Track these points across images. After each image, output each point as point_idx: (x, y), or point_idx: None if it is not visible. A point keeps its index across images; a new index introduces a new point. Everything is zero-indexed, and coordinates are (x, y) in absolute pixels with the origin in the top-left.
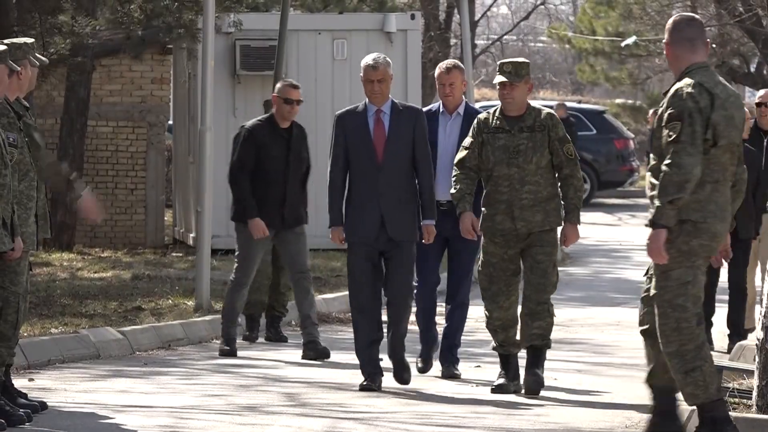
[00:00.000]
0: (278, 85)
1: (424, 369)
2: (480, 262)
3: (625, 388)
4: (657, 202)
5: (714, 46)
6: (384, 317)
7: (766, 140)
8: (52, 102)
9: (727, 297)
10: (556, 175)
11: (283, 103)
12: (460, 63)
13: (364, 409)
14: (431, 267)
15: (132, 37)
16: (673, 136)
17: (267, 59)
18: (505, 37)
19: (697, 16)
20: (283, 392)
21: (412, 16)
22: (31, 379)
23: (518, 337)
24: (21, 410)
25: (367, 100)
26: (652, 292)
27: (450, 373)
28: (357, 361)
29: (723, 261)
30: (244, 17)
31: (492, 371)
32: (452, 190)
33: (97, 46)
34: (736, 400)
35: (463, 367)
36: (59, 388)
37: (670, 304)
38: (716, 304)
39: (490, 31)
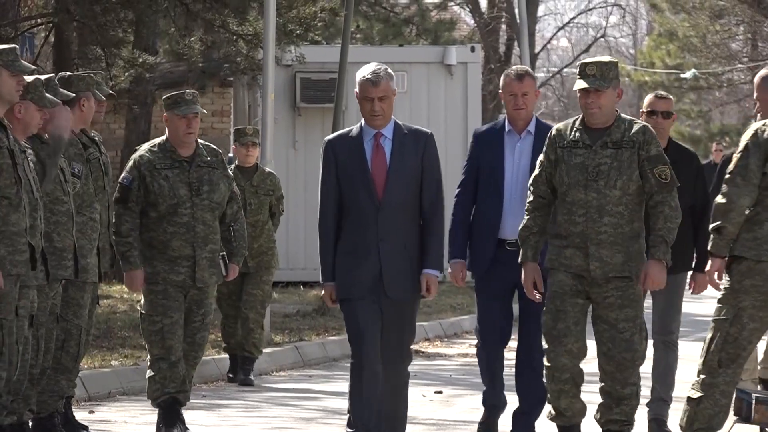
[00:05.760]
0: None
1: None
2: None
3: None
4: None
5: None
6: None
7: None
8: (113, 135)
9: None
10: (646, 205)
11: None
12: (531, 70)
13: None
14: (497, 323)
15: (193, 69)
16: (730, 168)
17: (327, 92)
18: (565, 69)
19: None
20: (345, 425)
21: (473, 49)
22: (91, 412)
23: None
24: None
25: (362, 121)
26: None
27: None
28: (417, 394)
29: None
30: (304, 50)
31: None
32: (521, 223)
33: (158, 78)
34: None
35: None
36: (120, 420)
37: (711, 335)
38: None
39: (550, 63)
